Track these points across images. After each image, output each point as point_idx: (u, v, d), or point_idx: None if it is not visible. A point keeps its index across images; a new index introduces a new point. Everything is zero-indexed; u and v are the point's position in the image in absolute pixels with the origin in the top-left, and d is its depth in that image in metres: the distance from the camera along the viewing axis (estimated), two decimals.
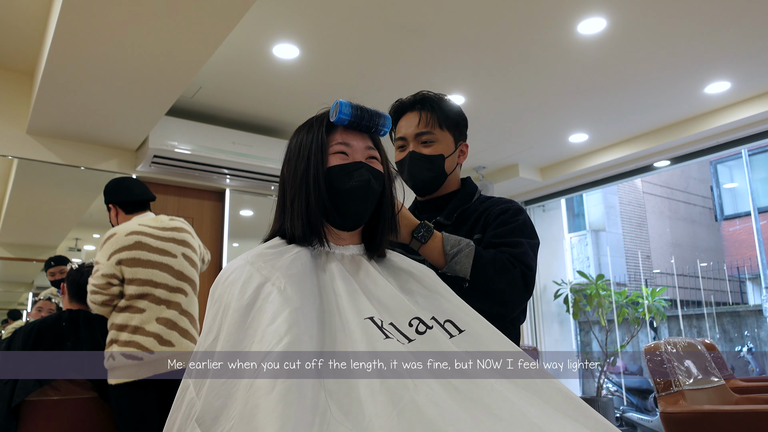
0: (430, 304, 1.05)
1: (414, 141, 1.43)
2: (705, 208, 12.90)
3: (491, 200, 1.45)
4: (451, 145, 1.45)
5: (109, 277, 2.23)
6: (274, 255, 0.99)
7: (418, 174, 1.42)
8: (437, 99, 1.45)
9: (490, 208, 1.40)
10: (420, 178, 1.43)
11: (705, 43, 3.31)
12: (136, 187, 2.54)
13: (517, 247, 1.29)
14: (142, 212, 2.48)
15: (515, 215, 1.37)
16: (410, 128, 1.43)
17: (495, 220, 1.36)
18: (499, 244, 1.30)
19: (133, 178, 2.60)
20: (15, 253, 3.73)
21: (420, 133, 1.42)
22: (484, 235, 1.36)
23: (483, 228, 1.37)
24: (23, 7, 2.87)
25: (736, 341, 7.40)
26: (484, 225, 1.38)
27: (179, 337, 2.24)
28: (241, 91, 3.77)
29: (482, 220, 1.39)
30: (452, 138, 1.45)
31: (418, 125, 1.42)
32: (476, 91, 3.83)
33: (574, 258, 10.23)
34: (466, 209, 1.44)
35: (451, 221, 1.42)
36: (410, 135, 1.43)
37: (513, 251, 1.28)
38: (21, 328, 2.39)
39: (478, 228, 1.38)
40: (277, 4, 2.81)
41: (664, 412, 2.37)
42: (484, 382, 0.87)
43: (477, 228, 1.38)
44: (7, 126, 3.49)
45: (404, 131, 1.44)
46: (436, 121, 1.42)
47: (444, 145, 1.43)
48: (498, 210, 1.38)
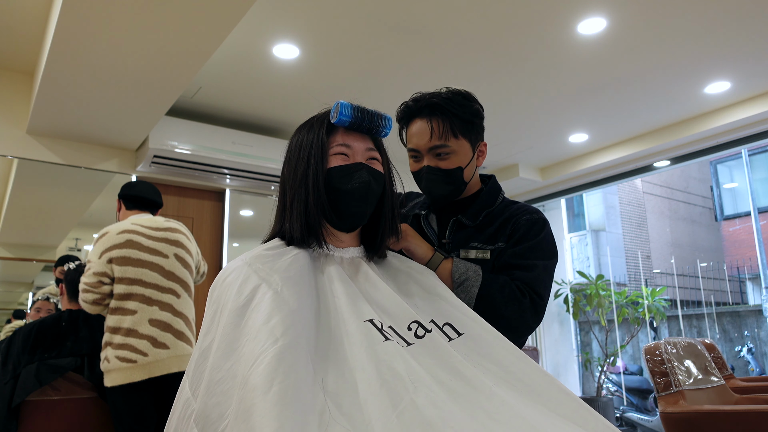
0: (430, 306, 1.04)
1: (428, 155, 1.32)
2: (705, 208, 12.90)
3: (517, 206, 1.38)
4: (468, 152, 1.34)
5: (100, 276, 2.23)
6: (272, 257, 0.99)
7: (436, 189, 1.34)
8: (447, 102, 1.32)
9: (517, 217, 1.33)
10: (438, 193, 1.35)
11: (705, 43, 3.31)
12: (144, 186, 2.54)
13: (531, 271, 1.25)
14: (141, 212, 2.48)
15: (539, 230, 1.31)
16: (422, 140, 1.31)
17: (519, 232, 1.31)
18: (515, 266, 1.26)
19: (149, 183, 2.60)
20: (15, 253, 3.73)
21: (434, 147, 1.30)
22: (507, 244, 1.31)
23: (509, 237, 1.31)
24: (23, 7, 2.87)
25: (736, 341, 7.40)
26: (510, 234, 1.31)
27: (174, 339, 2.22)
28: (241, 91, 3.77)
29: (509, 228, 1.32)
30: (469, 144, 1.34)
31: (431, 138, 1.30)
32: (476, 91, 3.79)
33: (574, 258, 10.24)
34: (491, 212, 1.37)
35: (475, 223, 1.35)
36: (424, 148, 1.31)
37: (525, 276, 1.24)
38: (21, 328, 2.39)
39: (502, 236, 1.31)
40: (277, 4, 2.81)
41: (664, 412, 2.37)
42: (483, 386, 0.87)
43: (502, 236, 1.32)
44: (7, 126, 3.49)
45: (416, 142, 1.33)
46: (449, 130, 1.30)
47: (461, 156, 1.32)
48: (525, 221, 1.32)
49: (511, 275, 1.25)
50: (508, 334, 1.12)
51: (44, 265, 3.86)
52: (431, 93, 1.34)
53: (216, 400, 0.83)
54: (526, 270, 1.25)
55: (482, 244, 1.31)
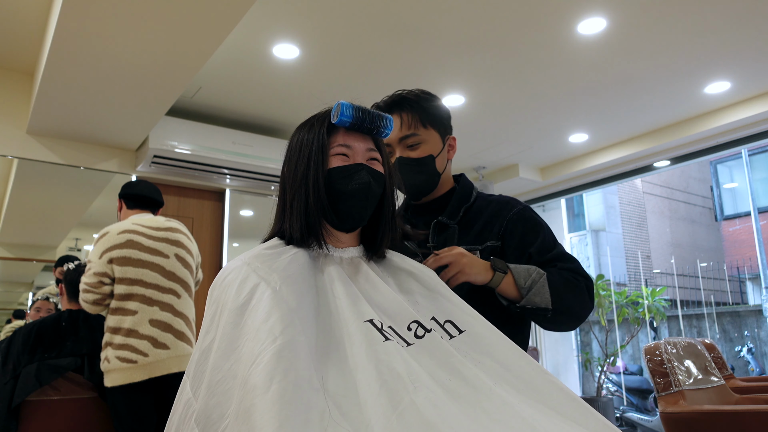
0: (430, 303, 1.04)
1: (399, 146, 1.36)
2: (705, 208, 12.90)
3: (496, 200, 1.40)
4: (438, 142, 1.38)
5: (101, 276, 2.22)
6: (271, 256, 0.98)
7: (410, 179, 1.36)
8: (415, 97, 1.38)
9: (504, 214, 1.34)
10: (412, 183, 1.37)
11: (705, 43, 3.31)
12: (145, 185, 2.53)
13: (567, 261, 1.30)
14: (143, 211, 2.48)
15: (530, 217, 1.35)
16: (393, 133, 1.34)
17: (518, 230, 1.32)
18: (550, 260, 1.29)
19: (149, 182, 2.59)
20: (15, 253, 3.73)
21: (404, 137, 1.35)
22: (504, 243, 1.32)
23: (501, 236, 1.32)
24: (23, 7, 2.87)
25: (736, 341, 7.41)
26: (501, 234, 1.32)
27: (174, 339, 2.22)
28: (241, 91, 3.77)
29: (497, 226, 1.33)
30: (438, 135, 1.39)
31: (401, 128, 1.35)
32: (476, 91, 3.83)
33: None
34: (470, 209, 1.39)
35: (456, 221, 1.36)
36: (394, 140, 1.36)
37: (569, 266, 1.29)
38: (21, 328, 2.39)
39: (492, 234, 1.33)
40: (277, 4, 2.81)
41: (664, 412, 2.37)
42: (483, 385, 0.86)
43: (490, 233, 1.33)
44: (7, 126, 3.49)
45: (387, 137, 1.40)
46: (418, 120, 1.35)
47: (431, 145, 1.37)
48: (515, 216, 1.34)
49: (555, 267, 1.29)
50: (575, 321, 1.25)
51: (44, 265, 3.86)
52: (400, 90, 1.41)
53: (217, 400, 0.83)
54: (562, 259, 1.30)
55: (470, 245, 1.32)
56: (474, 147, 4.77)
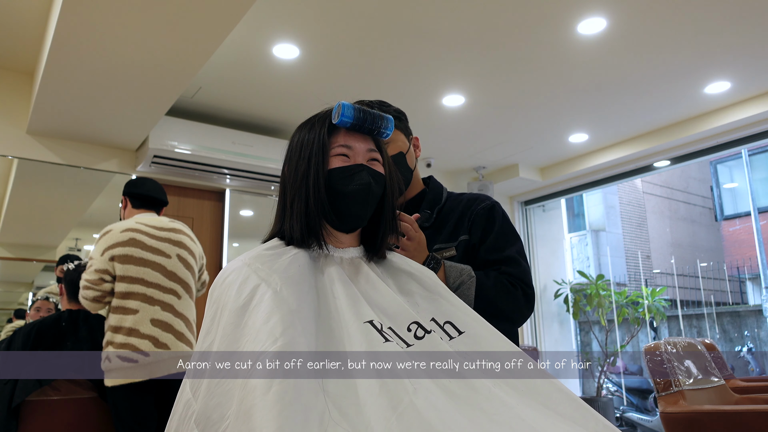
0: (430, 305, 1.04)
1: None
2: (705, 208, 12.90)
3: (466, 198, 1.47)
4: (405, 141, 1.47)
5: (102, 273, 2.22)
6: (272, 257, 0.98)
7: None
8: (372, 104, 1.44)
9: (471, 209, 1.42)
10: None
11: (705, 43, 3.31)
12: (151, 184, 2.52)
13: (512, 266, 1.35)
14: (147, 211, 2.47)
15: (495, 215, 1.41)
16: None
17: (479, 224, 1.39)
18: (495, 261, 1.36)
19: (154, 180, 2.58)
20: (15, 253, 3.73)
21: None
22: (470, 235, 1.39)
23: (469, 229, 1.40)
24: (23, 7, 2.87)
25: (736, 341, 7.41)
26: (469, 226, 1.40)
27: (174, 339, 2.22)
28: (241, 91, 3.77)
29: (466, 220, 1.41)
30: (403, 135, 1.47)
31: None
32: (476, 91, 3.82)
33: (574, 258, 10.24)
34: (442, 209, 1.46)
35: (430, 223, 1.43)
36: None
37: (512, 272, 1.34)
38: (21, 328, 2.39)
39: (463, 228, 1.40)
40: (277, 4, 2.81)
41: (664, 412, 2.37)
42: (482, 387, 0.87)
43: (461, 228, 1.41)
44: (7, 126, 3.49)
45: None
46: None
47: (399, 143, 1.45)
48: (480, 210, 1.41)
49: (497, 270, 1.34)
50: (507, 325, 1.24)
51: (44, 265, 3.86)
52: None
53: (217, 401, 0.83)
54: (507, 264, 1.35)
55: (445, 243, 1.39)
56: (474, 147, 4.77)
